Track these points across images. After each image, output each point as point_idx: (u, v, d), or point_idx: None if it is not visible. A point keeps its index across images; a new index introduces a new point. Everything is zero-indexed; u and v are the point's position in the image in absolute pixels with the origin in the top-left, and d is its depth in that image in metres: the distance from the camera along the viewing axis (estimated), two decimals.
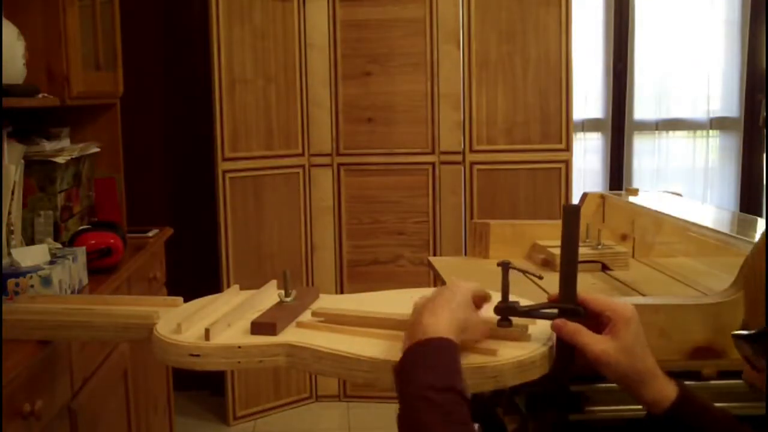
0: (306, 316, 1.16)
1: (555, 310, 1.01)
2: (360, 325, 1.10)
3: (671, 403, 0.93)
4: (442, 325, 0.91)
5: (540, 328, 1.05)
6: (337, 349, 1.01)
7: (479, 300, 1.03)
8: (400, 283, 3.20)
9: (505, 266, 1.05)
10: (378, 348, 1.01)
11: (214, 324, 1.08)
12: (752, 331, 0.77)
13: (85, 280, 1.83)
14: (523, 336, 1.03)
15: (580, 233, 1.02)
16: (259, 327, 1.09)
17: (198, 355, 1.04)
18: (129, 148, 2.59)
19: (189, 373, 1.07)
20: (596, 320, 0.98)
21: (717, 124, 3.69)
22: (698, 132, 3.71)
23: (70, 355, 1.61)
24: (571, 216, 0.99)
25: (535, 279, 1.10)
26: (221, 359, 1.05)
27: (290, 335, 1.08)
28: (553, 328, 0.98)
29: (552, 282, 1.03)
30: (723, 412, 0.96)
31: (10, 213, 1.76)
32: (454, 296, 0.97)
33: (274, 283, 1.31)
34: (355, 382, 3.06)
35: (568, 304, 0.98)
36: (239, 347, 1.05)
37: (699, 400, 0.95)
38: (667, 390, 0.94)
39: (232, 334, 1.09)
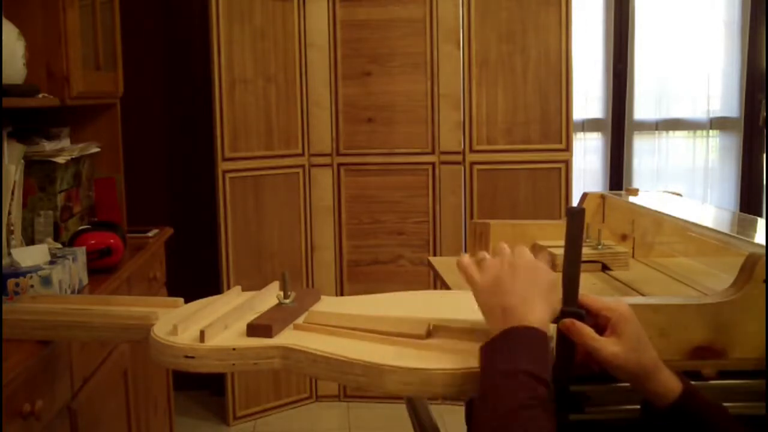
0: (304, 319, 1.15)
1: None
2: (351, 328, 1.09)
3: (677, 396, 0.94)
4: (536, 314, 0.92)
5: None
6: (331, 352, 1.00)
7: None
8: (400, 283, 3.21)
9: None
10: (374, 351, 1.01)
11: (210, 325, 1.07)
12: None
13: (85, 280, 1.83)
14: None
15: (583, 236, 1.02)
16: (254, 329, 1.08)
17: (192, 357, 1.04)
18: (129, 148, 2.59)
19: (189, 373, 1.07)
20: (593, 320, 0.98)
21: (717, 124, 3.69)
22: (698, 132, 3.71)
23: (70, 355, 1.61)
24: (575, 218, 0.99)
25: None
26: (215, 361, 1.04)
27: (286, 338, 1.08)
28: (561, 328, 0.97)
29: None
30: (723, 408, 0.96)
31: (10, 213, 1.76)
32: (545, 279, 0.97)
33: (275, 284, 1.30)
34: (349, 386, 3.08)
35: (570, 307, 0.98)
36: (234, 349, 1.04)
37: (702, 395, 0.95)
38: (672, 383, 0.95)
39: (228, 336, 1.09)
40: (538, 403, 0.81)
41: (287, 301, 1.18)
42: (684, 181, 3.71)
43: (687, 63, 3.61)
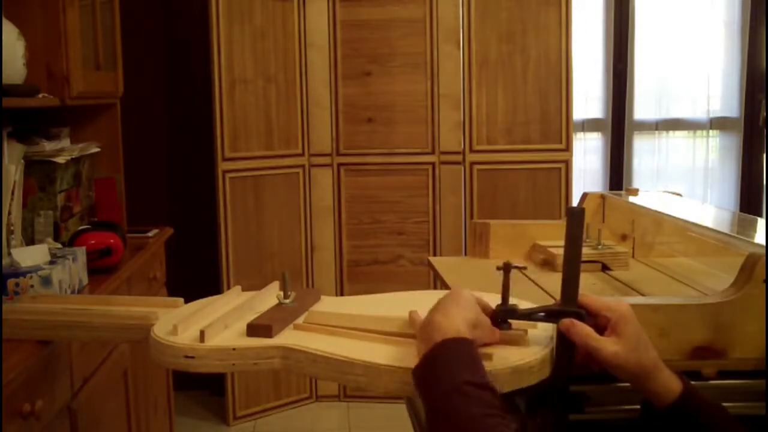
0: (304, 319, 1.15)
1: (556, 313, 1.00)
2: (350, 328, 1.09)
3: (677, 396, 0.94)
4: (455, 323, 0.92)
5: (540, 332, 1.05)
6: (331, 352, 1.00)
7: (483, 307, 1.03)
8: (400, 283, 3.21)
9: (507, 268, 1.04)
10: (374, 351, 1.00)
11: (210, 325, 1.07)
12: None
13: (85, 280, 1.83)
14: (521, 340, 1.02)
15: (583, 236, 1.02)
16: (254, 329, 1.08)
17: (192, 357, 1.04)
18: (129, 148, 2.59)
19: (189, 373, 1.07)
20: (593, 320, 0.98)
21: (717, 124, 3.68)
22: (698, 132, 3.71)
23: (70, 355, 1.61)
24: (575, 218, 0.99)
25: (535, 279, 1.10)
26: (215, 361, 1.04)
27: (286, 338, 1.08)
28: (561, 328, 0.97)
29: (552, 283, 1.03)
30: (723, 409, 0.96)
31: (10, 213, 1.76)
32: (460, 297, 0.98)
33: (276, 284, 1.30)
34: (349, 386, 3.08)
35: (569, 307, 0.98)
36: (234, 349, 1.04)
37: (702, 395, 0.96)
38: (672, 383, 0.95)
39: (228, 335, 1.09)
40: (494, 410, 0.81)
41: (287, 301, 1.18)
42: (684, 181, 3.71)
43: (687, 63, 3.61)
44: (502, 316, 1.03)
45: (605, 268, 1.69)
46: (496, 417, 0.81)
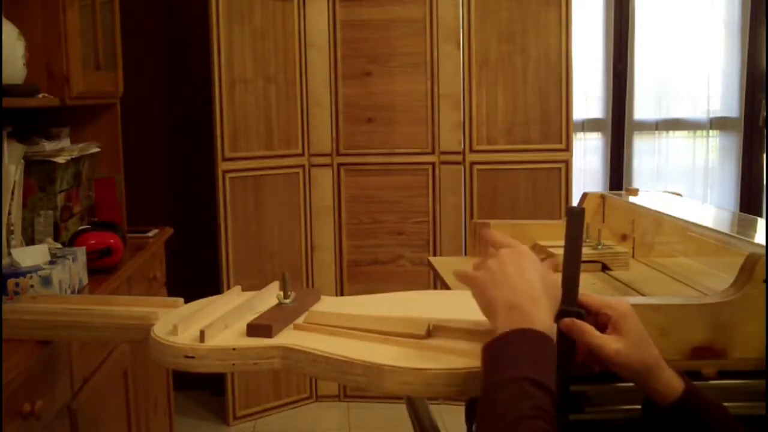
0: (304, 319, 1.15)
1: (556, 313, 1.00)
2: (350, 328, 1.09)
3: (679, 395, 0.94)
4: (544, 317, 0.89)
5: None
6: (331, 352, 1.00)
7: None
8: (400, 283, 3.21)
9: None
10: (374, 351, 1.00)
11: (210, 325, 1.07)
12: None
13: (85, 280, 1.83)
14: None
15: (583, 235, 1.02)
16: (254, 329, 1.08)
17: (192, 357, 1.04)
18: (129, 148, 2.59)
19: (189, 373, 1.07)
20: (594, 319, 0.98)
21: (717, 124, 3.69)
22: (698, 132, 3.71)
23: (70, 355, 1.61)
24: (575, 218, 0.99)
25: None
26: (215, 361, 1.04)
27: (286, 338, 1.08)
28: (562, 326, 0.97)
29: None
30: (724, 408, 0.96)
31: (10, 213, 1.76)
32: (549, 278, 0.95)
33: (276, 284, 1.30)
34: (349, 386, 3.08)
35: (569, 307, 0.98)
36: (234, 349, 1.04)
37: (704, 394, 0.96)
38: (674, 382, 0.95)
39: (228, 335, 1.09)
40: (541, 413, 0.79)
41: (287, 301, 1.18)
42: (684, 181, 3.71)
43: (687, 63, 3.61)
44: None
45: (605, 268, 1.69)
46: (539, 420, 0.78)
